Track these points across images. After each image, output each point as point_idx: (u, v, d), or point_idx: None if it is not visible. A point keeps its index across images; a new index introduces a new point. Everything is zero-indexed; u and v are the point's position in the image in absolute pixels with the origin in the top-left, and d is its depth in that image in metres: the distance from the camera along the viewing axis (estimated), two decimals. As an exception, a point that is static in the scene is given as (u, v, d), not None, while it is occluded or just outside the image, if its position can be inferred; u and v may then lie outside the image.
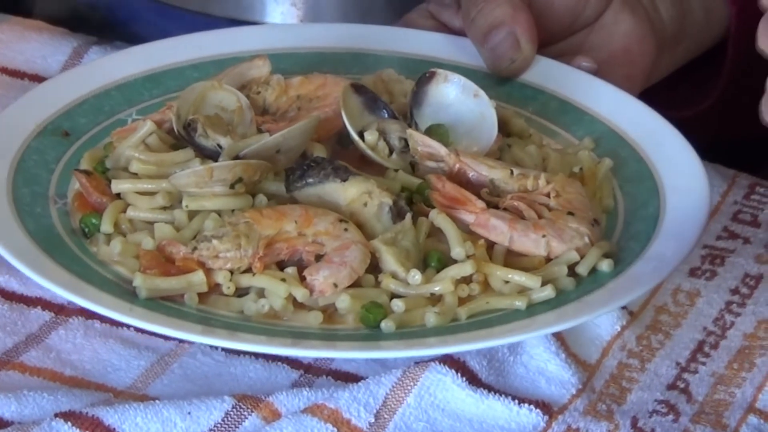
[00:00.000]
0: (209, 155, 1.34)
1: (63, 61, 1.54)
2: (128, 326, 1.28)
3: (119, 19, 1.58)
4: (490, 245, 1.31)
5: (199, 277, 1.25)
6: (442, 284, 1.27)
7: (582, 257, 1.31)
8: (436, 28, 1.51)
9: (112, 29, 1.61)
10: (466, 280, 1.27)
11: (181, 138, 1.36)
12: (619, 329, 1.32)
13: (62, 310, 1.28)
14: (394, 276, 1.27)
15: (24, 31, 1.58)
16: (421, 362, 1.24)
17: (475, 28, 1.44)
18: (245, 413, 1.19)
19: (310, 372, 1.26)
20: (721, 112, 1.50)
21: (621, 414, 1.23)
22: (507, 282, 1.29)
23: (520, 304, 1.26)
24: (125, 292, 1.24)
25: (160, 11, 1.56)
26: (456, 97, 1.37)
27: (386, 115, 1.35)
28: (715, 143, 1.43)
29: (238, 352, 1.27)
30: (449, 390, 1.22)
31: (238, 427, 1.19)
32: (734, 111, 1.42)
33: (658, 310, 1.35)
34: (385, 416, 1.20)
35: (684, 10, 1.53)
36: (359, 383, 1.22)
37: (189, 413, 1.18)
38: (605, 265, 1.31)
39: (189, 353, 1.26)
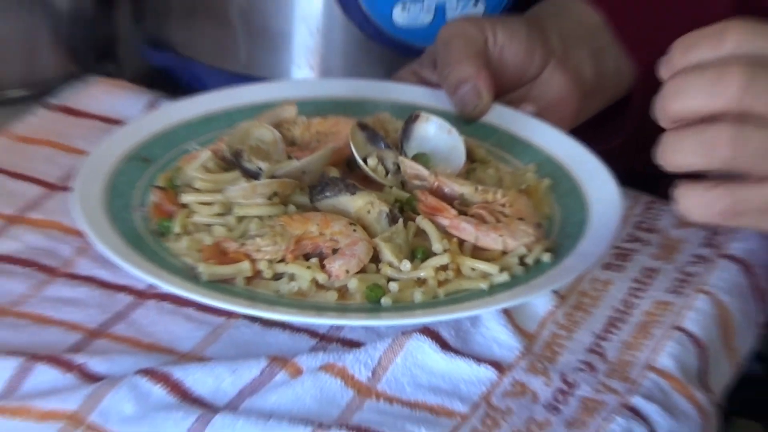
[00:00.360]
0: (252, 175, 1.39)
1: (141, 109, 1.58)
2: (191, 305, 1.31)
3: (183, 78, 1.61)
4: (461, 242, 1.36)
5: (245, 266, 1.30)
6: (426, 271, 1.32)
7: (529, 251, 1.36)
8: (419, 82, 1.55)
9: (177, 87, 1.65)
10: (444, 268, 1.32)
11: (231, 163, 1.42)
12: (551, 308, 1.37)
13: (142, 295, 1.33)
14: (390, 265, 1.31)
15: (112, 89, 1.62)
16: (406, 332, 1.27)
17: (447, 82, 1.49)
18: (276, 370, 1.24)
19: (324, 339, 1.30)
20: (631, 147, 1.54)
21: (553, 370, 1.27)
22: (473, 269, 1.32)
23: (483, 285, 1.31)
24: (191, 277, 1.30)
25: (214, 73, 1.61)
26: (434, 133, 1.44)
27: (383, 147, 1.42)
28: (628, 172, 1.49)
29: (270, 324, 1.31)
30: (426, 353, 1.26)
31: (270, 381, 1.23)
32: (641, 148, 1.39)
33: (580, 294, 1.41)
34: (380, 372, 1.25)
35: (601, 71, 1.57)
36: (360, 348, 1.26)
37: (235, 370, 1.23)
38: (546, 258, 1.36)
39: (234, 326, 1.31)
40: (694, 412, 1.29)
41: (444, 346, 1.28)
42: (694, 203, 1.16)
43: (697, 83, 1.15)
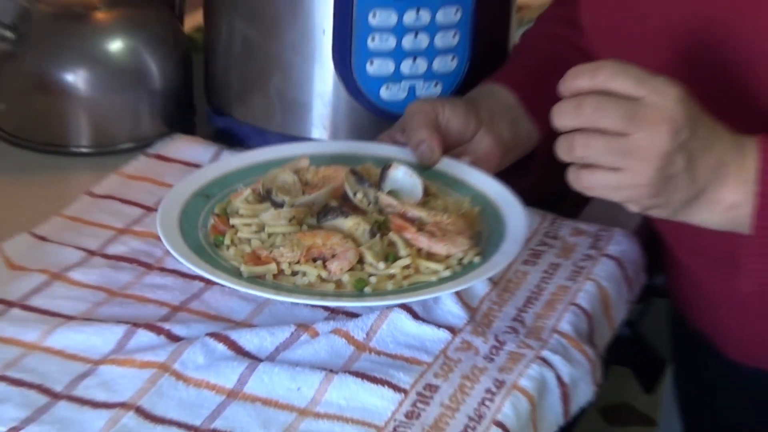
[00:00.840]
0: (278, 205, 1.38)
1: (209, 158, 1.59)
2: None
3: (238, 136, 1.66)
4: (419, 250, 1.35)
5: (273, 266, 1.32)
6: (395, 269, 1.32)
7: (464, 255, 1.35)
8: (392, 143, 1.53)
9: (234, 141, 1.67)
10: (407, 267, 1.33)
11: (264, 197, 1.41)
12: (488, 290, 1.38)
13: (209, 282, 1.33)
14: (371, 265, 1.33)
15: (190, 143, 1.63)
16: (388, 308, 1.30)
17: (411, 142, 1.47)
18: (301, 333, 1.27)
19: (333, 312, 1.33)
20: (537, 184, 1.54)
21: (489, 333, 1.30)
22: (427, 268, 1.33)
23: (433, 278, 1.33)
24: (237, 274, 1.31)
25: (258, 132, 1.63)
26: (402, 176, 1.43)
27: (367, 186, 1.40)
28: (537, 199, 1.50)
29: (295, 303, 1.32)
30: (403, 322, 1.29)
31: (297, 341, 1.26)
32: (545, 184, 1.48)
33: (507, 281, 1.42)
34: (371, 335, 1.28)
35: (516, 135, 1.53)
36: (358, 318, 1.29)
37: (273, 333, 1.26)
38: (476, 259, 1.36)
39: (272, 303, 1.33)
40: (585, 361, 1.31)
41: (415, 316, 1.31)
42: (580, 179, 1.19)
43: (566, 107, 1.17)
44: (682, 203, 1.21)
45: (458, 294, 1.36)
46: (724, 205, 1.20)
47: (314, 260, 1.33)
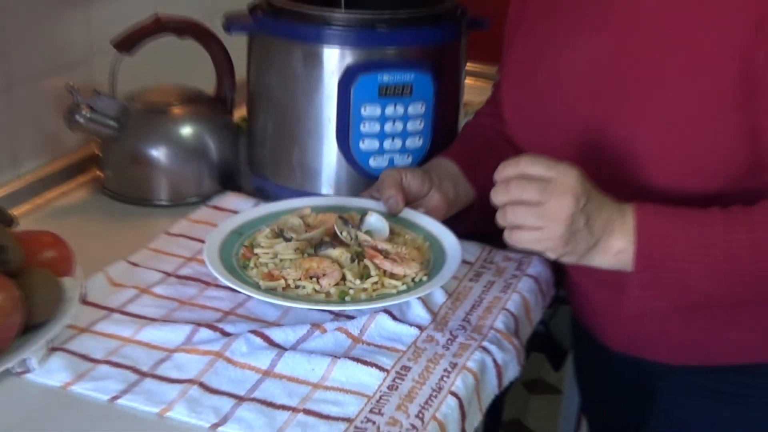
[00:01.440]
0: (288, 240, 1.36)
1: (250, 207, 1.57)
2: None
3: (270, 191, 1.61)
4: (385, 271, 1.33)
5: (282, 282, 1.31)
6: (367, 284, 1.31)
7: (416, 275, 1.33)
8: (371, 198, 1.51)
9: (267, 196, 1.62)
10: (376, 283, 1.32)
11: (278, 234, 1.39)
12: (445, 299, 1.37)
13: (250, 296, 1.30)
14: (351, 281, 1.31)
15: (236, 197, 1.61)
16: (375, 312, 1.28)
17: (383, 198, 1.45)
18: (314, 329, 1.26)
19: (336, 315, 1.30)
20: (474, 227, 1.52)
21: (446, 330, 1.28)
22: (390, 283, 1.32)
23: (394, 291, 1.31)
24: (257, 287, 1.30)
25: (284, 189, 1.61)
26: (375, 221, 1.41)
27: (350, 227, 1.38)
28: (476, 236, 1.49)
29: (309, 309, 1.31)
30: (386, 322, 1.28)
31: (311, 335, 1.25)
32: (480, 226, 1.47)
33: (458, 293, 1.40)
34: (363, 331, 1.27)
35: (458, 193, 1.50)
36: (354, 319, 1.27)
37: (294, 330, 1.25)
38: (425, 278, 1.34)
39: (294, 310, 1.31)
40: (512, 349, 1.30)
41: (394, 318, 1.29)
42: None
43: (499, 188, 1.19)
44: (584, 251, 1.21)
45: (423, 302, 1.34)
46: (613, 251, 1.22)
47: (311, 278, 1.31)
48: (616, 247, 1.21)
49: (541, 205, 1.17)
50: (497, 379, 1.28)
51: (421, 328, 1.30)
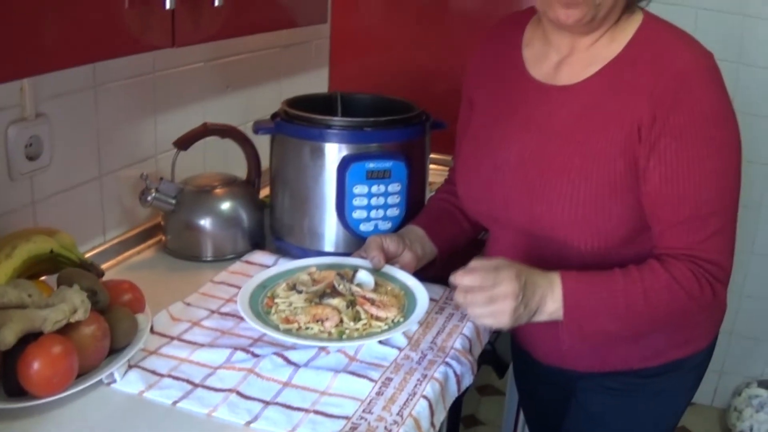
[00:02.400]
0: (299, 292, 1.34)
1: (273, 262, 1.55)
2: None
3: (287, 251, 1.57)
4: (371, 315, 1.31)
5: (296, 325, 1.28)
6: (359, 325, 1.29)
7: (395, 317, 1.32)
8: (360, 258, 1.46)
9: (286, 254, 1.58)
10: (365, 324, 1.30)
11: (292, 287, 1.36)
12: (418, 328, 1.34)
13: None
14: (347, 323, 1.29)
15: (263, 255, 1.58)
16: (364, 344, 1.26)
17: (368, 257, 1.42)
18: (320, 352, 1.25)
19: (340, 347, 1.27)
20: (438, 274, 1.45)
21: (418, 350, 1.27)
22: (376, 324, 1.30)
23: (378, 330, 1.29)
24: (277, 327, 1.28)
25: (298, 248, 1.57)
26: (364, 276, 1.38)
27: (346, 281, 1.35)
28: (439, 278, 1.41)
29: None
30: (374, 345, 1.27)
31: (319, 356, 1.24)
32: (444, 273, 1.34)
33: (427, 323, 1.38)
34: (357, 353, 1.26)
35: (425, 251, 1.48)
36: (352, 344, 1.25)
37: (306, 351, 1.24)
38: (401, 320, 1.31)
39: (303, 345, 1.27)
40: (468, 363, 1.29)
41: (381, 343, 1.28)
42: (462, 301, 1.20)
43: (458, 294, 1.20)
44: (528, 318, 1.22)
45: (404, 333, 1.33)
46: (548, 313, 1.23)
47: (317, 321, 1.29)
48: (550, 310, 1.22)
49: (493, 289, 1.18)
50: (457, 385, 1.27)
51: (400, 349, 1.30)
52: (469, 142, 1.45)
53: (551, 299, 1.22)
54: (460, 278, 1.20)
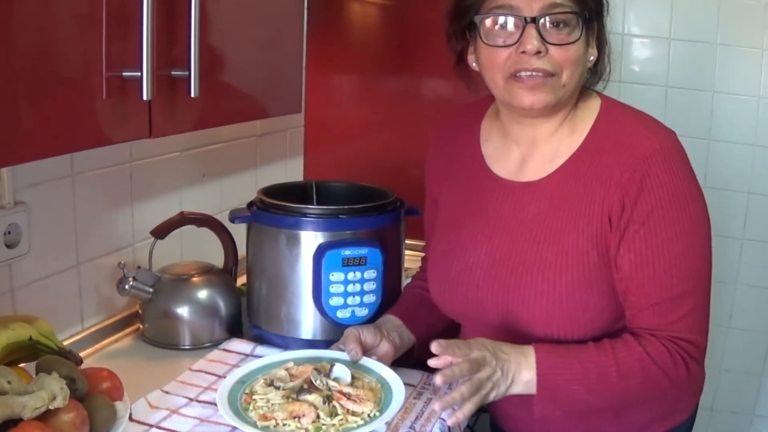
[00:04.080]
0: (277, 388, 1.33)
1: (250, 350, 1.56)
2: None
3: (265, 339, 1.58)
4: (348, 410, 1.28)
5: (273, 422, 1.25)
6: (335, 420, 1.26)
7: (372, 411, 1.29)
8: (337, 349, 1.45)
9: (262, 341, 1.60)
10: (342, 419, 1.27)
11: (270, 384, 1.36)
12: (396, 412, 1.29)
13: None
14: (323, 419, 1.26)
15: (240, 343, 1.59)
16: None
17: (346, 349, 1.41)
18: None
19: None
20: (417, 360, 1.48)
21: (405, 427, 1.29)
22: (352, 419, 1.27)
23: (354, 425, 1.26)
24: (255, 425, 1.25)
25: (276, 336, 1.59)
26: (340, 369, 1.37)
27: (323, 376, 1.35)
28: (417, 364, 1.45)
29: None
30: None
31: None
32: (420, 359, 1.39)
33: (406, 408, 1.39)
34: None
35: (402, 341, 1.48)
36: None
37: None
38: (377, 414, 1.29)
39: None
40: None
41: None
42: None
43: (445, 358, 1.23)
44: (506, 390, 1.25)
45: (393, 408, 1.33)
46: (523, 382, 1.25)
47: (294, 418, 1.28)
48: (525, 379, 1.25)
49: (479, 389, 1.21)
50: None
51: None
52: (437, 242, 1.48)
53: (526, 367, 1.24)
54: (441, 351, 1.22)
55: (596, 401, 1.28)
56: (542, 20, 1.21)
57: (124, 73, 1.11)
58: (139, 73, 1.10)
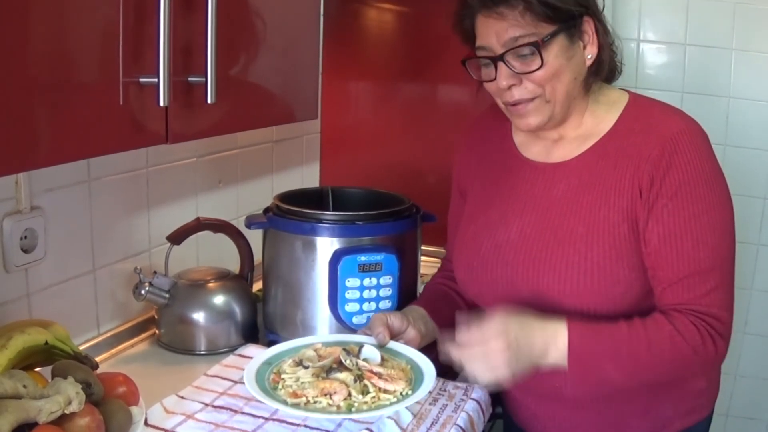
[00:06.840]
0: (306, 368, 1.35)
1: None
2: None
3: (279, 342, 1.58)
4: (379, 388, 1.31)
5: (303, 399, 1.28)
6: (367, 398, 1.29)
7: (403, 390, 1.32)
8: (365, 335, 1.47)
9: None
10: (374, 397, 1.30)
11: (299, 363, 1.38)
12: (411, 419, 1.34)
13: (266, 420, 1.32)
14: (355, 397, 1.29)
15: (257, 348, 1.58)
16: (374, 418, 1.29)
17: (374, 333, 1.43)
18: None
19: (349, 420, 1.30)
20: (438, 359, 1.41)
21: (427, 418, 1.29)
22: (384, 397, 1.30)
23: (387, 402, 1.29)
24: (285, 403, 1.27)
25: (286, 341, 1.55)
26: (370, 351, 1.40)
27: (352, 356, 1.37)
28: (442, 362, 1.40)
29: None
30: (387, 420, 1.29)
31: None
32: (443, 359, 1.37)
33: (421, 413, 1.37)
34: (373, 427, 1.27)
35: (428, 329, 1.49)
36: (371, 423, 1.28)
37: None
38: (409, 392, 1.32)
39: (312, 417, 1.32)
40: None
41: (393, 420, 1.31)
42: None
43: (460, 341, 1.23)
44: (529, 366, 1.25)
45: (395, 421, 1.33)
46: (552, 360, 1.25)
47: (325, 395, 1.30)
48: (553, 358, 1.25)
49: (485, 345, 1.22)
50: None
51: (411, 417, 1.33)
52: (466, 225, 1.49)
53: (554, 349, 1.24)
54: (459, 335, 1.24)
55: (627, 379, 1.28)
56: (507, 56, 1.27)
57: (141, 79, 1.11)
58: (156, 79, 1.10)
